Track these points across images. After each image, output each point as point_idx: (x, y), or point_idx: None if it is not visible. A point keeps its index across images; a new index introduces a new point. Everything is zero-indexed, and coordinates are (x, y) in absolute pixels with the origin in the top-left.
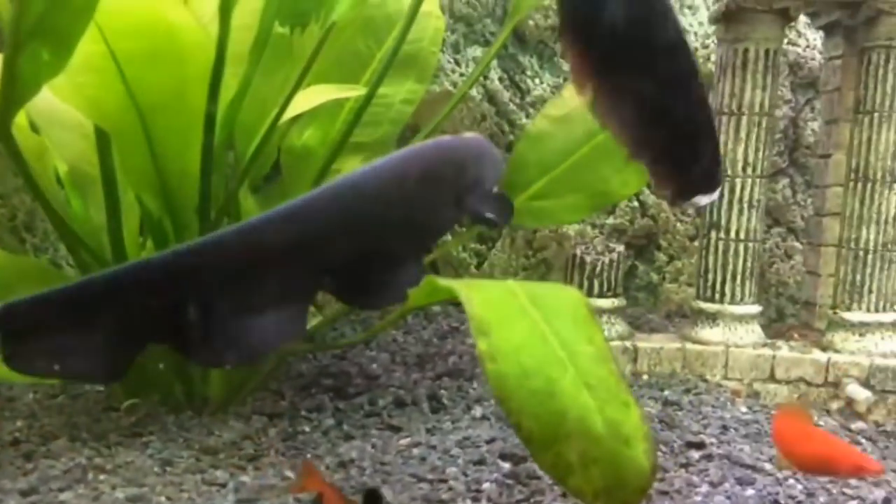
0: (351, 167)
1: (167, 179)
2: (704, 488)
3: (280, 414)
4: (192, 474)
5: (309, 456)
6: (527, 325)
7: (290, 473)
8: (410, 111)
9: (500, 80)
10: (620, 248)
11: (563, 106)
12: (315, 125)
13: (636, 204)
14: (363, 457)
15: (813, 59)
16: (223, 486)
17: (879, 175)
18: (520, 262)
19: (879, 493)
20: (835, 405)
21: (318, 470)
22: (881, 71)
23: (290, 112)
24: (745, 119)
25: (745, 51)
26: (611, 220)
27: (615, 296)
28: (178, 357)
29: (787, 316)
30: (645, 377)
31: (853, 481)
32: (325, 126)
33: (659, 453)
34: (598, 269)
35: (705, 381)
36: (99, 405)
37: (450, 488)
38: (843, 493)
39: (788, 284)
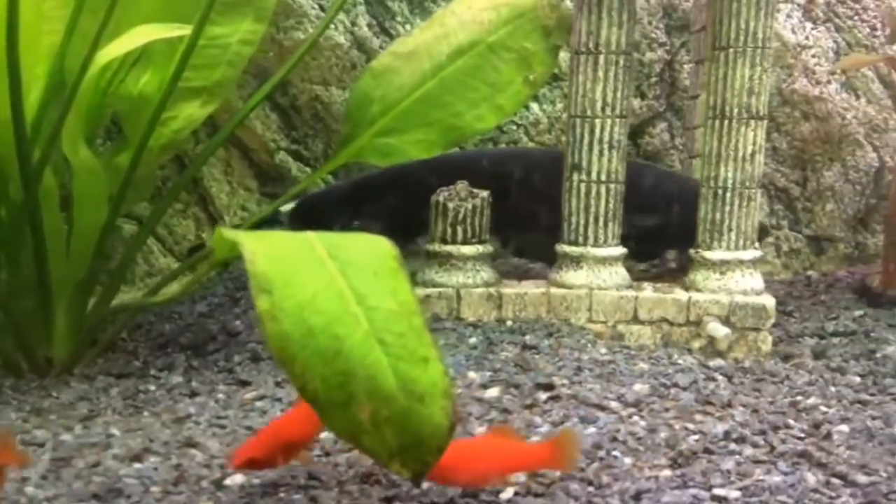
0: (188, 113)
1: None
2: (545, 428)
3: (129, 374)
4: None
5: (146, 414)
6: (319, 280)
7: (116, 431)
8: (249, 52)
9: (370, 26)
10: (484, 194)
11: (410, 42)
12: (151, 71)
13: None
14: (202, 412)
15: (687, 0)
16: (41, 445)
17: (736, 112)
18: None
19: (722, 427)
20: (696, 344)
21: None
22: (734, 5)
23: (112, 52)
24: (602, 58)
25: None
26: None
27: (480, 242)
28: (17, 322)
29: (670, 260)
30: (509, 323)
31: (698, 416)
32: (162, 72)
33: (508, 396)
34: (462, 215)
35: (569, 324)
36: None
37: None
38: (686, 429)
39: None
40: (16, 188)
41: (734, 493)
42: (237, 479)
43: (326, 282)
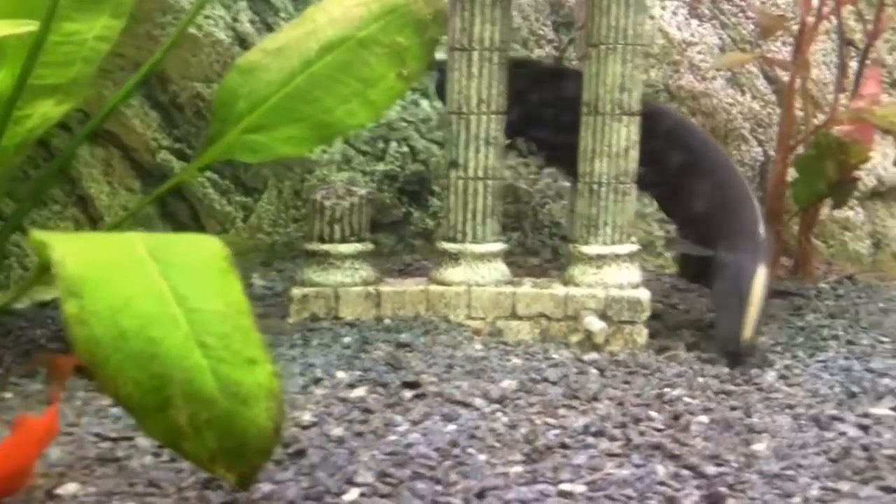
0: (42, 111)
1: None
2: (404, 427)
3: None
4: None
5: None
6: (137, 282)
7: None
8: (106, 48)
9: (252, 22)
10: (362, 191)
11: (279, 39)
12: (6, 68)
13: (406, 149)
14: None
15: None
16: None
17: (608, 108)
18: (290, 214)
19: (583, 421)
20: (574, 338)
21: None
22: (605, 3)
23: None
24: (476, 55)
25: None
26: (381, 166)
27: (358, 240)
28: None
29: (562, 256)
30: (387, 321)
31: (560, 410)
32: (15, 68)
33: (374, 395)
34: (339, 213)
35: (448, 321)
36: None
37: (132, 445)
38: (546, 423)
39: (561, 225)
40: None
41: (580, 488)
42: (70, 487)
43: (145, 283)
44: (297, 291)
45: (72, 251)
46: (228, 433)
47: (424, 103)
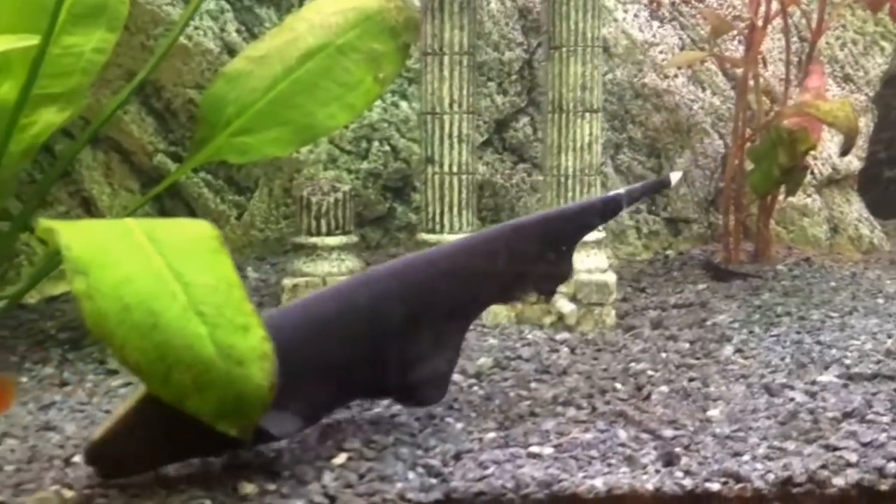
0: (45, 119)
1: None
2: (388, 401)
3: (4, 368)
4: None
5: (14, 403)
6: (136, 261)
7: None
8: (102, 60)
9: (238, 31)
10: (346, 187)
11: (262, 47)
12: (11, 79)
13: (388, 148)
14: (67, 400)
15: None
16: None
17: (572, 106)
18: (280, 211)
19: (552, 392)
20: (548, 320)
21: None
22: (564, 9)
23: None
24: (447, 59)
25: None
26: (365, 165)
27: (344, 233)
28: None
29: None
30: None
31: (532, 384)
32: (20, 79)
33: None
34: (325, 208)
35: None
36: None
37: None
38: (519, 395)
39: None
40: None
41: (548, 450)
42: None
43: (143, 262)
44: (288, 281)
45: (76, 235)
46: (228, 391)
47: (404, 105)
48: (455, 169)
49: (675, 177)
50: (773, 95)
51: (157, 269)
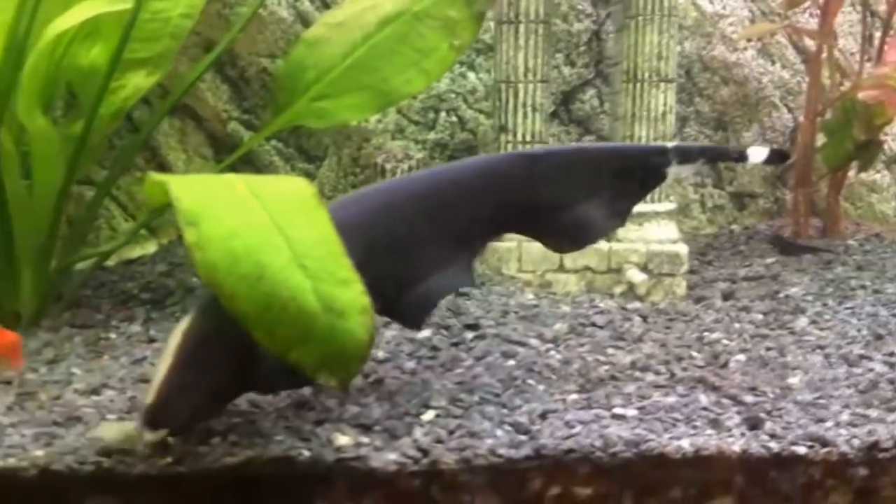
0: (135, 82)
1: None
2: (469, 362)
3: (91, 325)
4: None
5: (106, 358)
6: (242, 214)
7: (77, 371)
8: (190, 24)
9: (311, 1)
10: (419, 155)
11: (340, 14)
12: (101, 43)
13: (455, 119)
14: (156, 355)
15: None
16: (8, 382)
17: (647, 75)
18: (348, 180)
19: (629, 358)
20: (618, 290)
21: None
22: None
23: (62, 25)
24: (522, 27)
25: None
26: (432, 135)
27: None
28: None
29: None
30: None
31: (608, 349)
32: (110, 44)
33: (438, 336)
34: (398, 175)
35: (500, 274)
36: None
37: None
38: (596, 360)
39: None
40: None
41: (632, 412)
42: None
43: (248, 215)
44: None
45: (186, 188)
46: (330, 343)
47: (472, 75)
48: (528, 138)
49: (756, 154)
50: (842, 69)
51: (261, 223)
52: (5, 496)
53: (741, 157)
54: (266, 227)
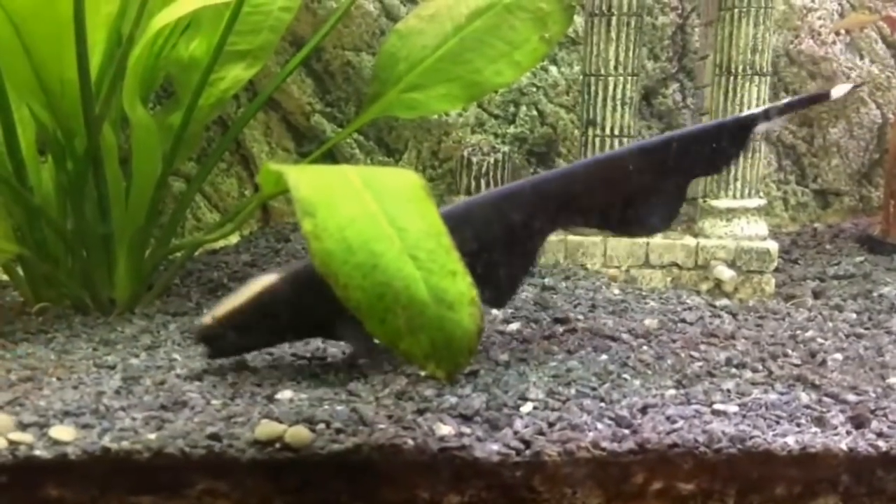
0: (234, 74)
1: (49, 88)
2: (561, 355)
3: (184, 313)
4: (85, 360)
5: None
6: (356, 205)
7: (177, 357)
8: (289, 18)
9: None
10: (505, 148)
11: (432, 6)
12: (200, 36)
13: (535, 113)
14: None
15: None
16: (112, 367)
17: (741, 69)
18: (427, 173)
19: (724, 355)
20: (704, 286)
21: None
22: None
23: (165, 18)
24: (614, 20)
25: None
26: (512, 129)
27: None
28: (82, 265)
29: (680, 215)
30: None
31: (702, 346)
32: (210, 37)
33: (528, 329)
34: (484, 168)
35: (585, 269)
36: (13, 311)
37: (325, 365)
38: (691, 356)
39: None
40: (81, 142)
41: (733, 408)
42: (286, 393)
43: (362, 206)
44: None
45: (303, 177)
46: (439, 335)
47: (553, 69)
48: (616, 131)
49: (839, 90)
50: None
51: (373, 213)
52: (119, 478)
53: (823, 96)
54: (378, 217)
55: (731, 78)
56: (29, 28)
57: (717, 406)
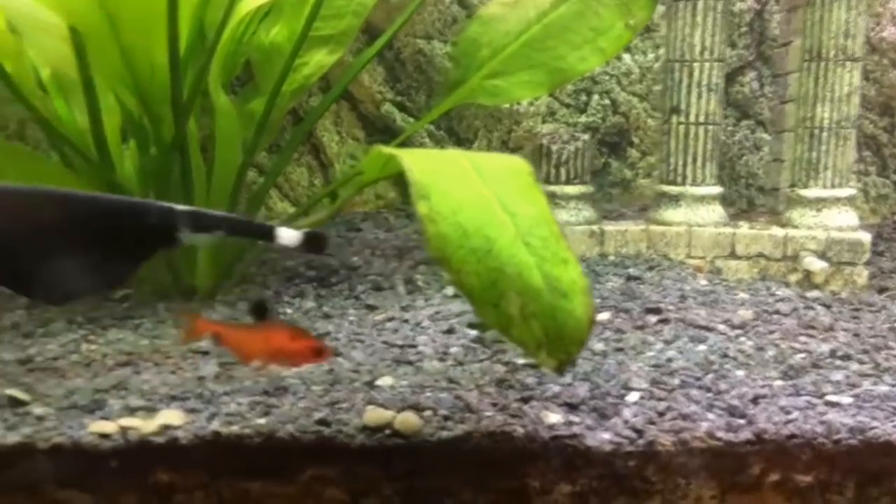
0: (317, 59)
1: (138, 74)
2: (658, 346)
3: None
4: (178, 346)
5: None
6: (468, 189)
7: None
8: (373, 2)
9: None
10: (585, 136)
11: None
12: (282, 22)
13: (608, 102)
14: (339, 330)
15: None
16: (206, 353)
17: (832, 54)
18: None
19: (826, 346)
20: (793, 278)
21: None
22: None
23: (250, 4)
24: (700, 4)
25: None
26: (583, 119)
27: (582, 182)
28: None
29: (757, 206)
30: (611, 257)
31: (802, 338)
32: (292, 22)
33: (619, 319)
34: (564, 157)
35: (669, 259)
36: (97, 297)
37: (418, 352)
38: (792, 348)
39: (758, 175)
40: (167, 129)
41: (847, 399)
42: (387, 380)
43: (474, 191)
44: None
45: (416, 161)
46: (552, 323)
47: (627, 57)
48: (701, 119)
49: (287, 236)
50: None
51: (486, 199)
52: (229, 461)
53: (268, 234)
54: (490, 202)
55: (822, 63)
56: (120, 14)
57: (829, 397)
